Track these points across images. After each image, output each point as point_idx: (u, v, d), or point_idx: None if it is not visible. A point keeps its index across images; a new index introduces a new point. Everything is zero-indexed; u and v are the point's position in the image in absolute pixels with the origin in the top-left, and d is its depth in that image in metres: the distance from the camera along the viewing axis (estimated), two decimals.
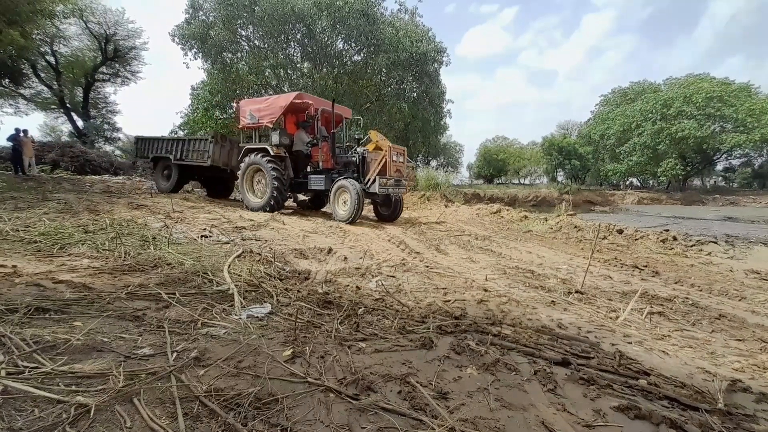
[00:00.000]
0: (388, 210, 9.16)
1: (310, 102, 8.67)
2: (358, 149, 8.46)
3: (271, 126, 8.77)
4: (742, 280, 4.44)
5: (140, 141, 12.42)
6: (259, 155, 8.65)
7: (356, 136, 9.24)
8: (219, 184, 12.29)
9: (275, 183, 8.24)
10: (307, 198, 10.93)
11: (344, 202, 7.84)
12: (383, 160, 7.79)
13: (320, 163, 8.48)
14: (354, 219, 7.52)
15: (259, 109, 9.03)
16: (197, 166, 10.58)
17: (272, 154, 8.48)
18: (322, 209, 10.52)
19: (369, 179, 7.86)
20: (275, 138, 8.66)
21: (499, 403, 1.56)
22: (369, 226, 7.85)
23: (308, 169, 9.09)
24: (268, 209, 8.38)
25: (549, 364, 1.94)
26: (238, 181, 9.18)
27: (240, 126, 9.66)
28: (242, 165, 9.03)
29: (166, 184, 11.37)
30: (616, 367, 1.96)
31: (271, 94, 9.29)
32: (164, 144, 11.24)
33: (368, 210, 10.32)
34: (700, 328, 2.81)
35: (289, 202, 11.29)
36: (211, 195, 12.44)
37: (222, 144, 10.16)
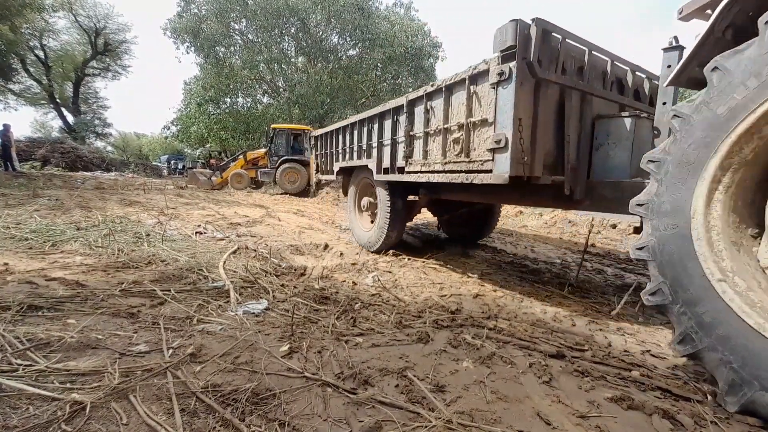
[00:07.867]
0: None
1: None
2: None
3: None
4: None
5: (319, 139, 6.16)
6: None
7: None
8: (472, 214, 5.13)
9: None
10: None
11: None
12: None
13: None
14: None
15: None
16: (447, 184, 3.27)
17: None
18: None
19: None
20: None
21: (495, 395, 1.57)
22: None
23: None
24: None
25: (544, 356, 1.96)
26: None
27: None
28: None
29: (366, 227, 4.81)
30: (609, 359, 1.99)
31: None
32: (355, 133, 4.67)
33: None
34: None
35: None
36: (455, 233, 5.64)
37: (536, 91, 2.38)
